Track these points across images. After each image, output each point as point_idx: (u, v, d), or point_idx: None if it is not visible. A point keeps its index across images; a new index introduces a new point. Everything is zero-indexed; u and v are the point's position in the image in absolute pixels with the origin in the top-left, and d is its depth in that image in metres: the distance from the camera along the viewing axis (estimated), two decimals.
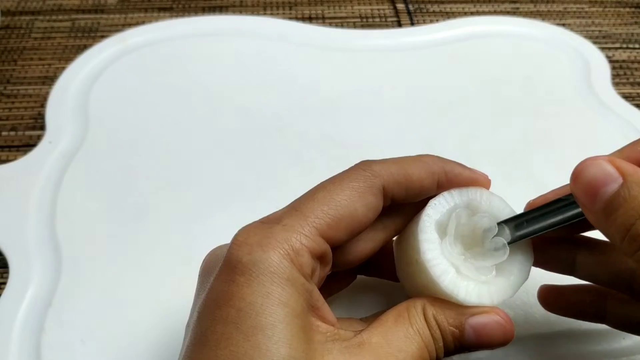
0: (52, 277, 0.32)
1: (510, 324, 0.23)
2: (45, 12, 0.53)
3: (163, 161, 0.38)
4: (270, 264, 0.21)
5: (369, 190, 0.23)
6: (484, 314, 0.23)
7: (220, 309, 0.21)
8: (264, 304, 0.20)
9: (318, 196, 0.23)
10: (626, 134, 0.41)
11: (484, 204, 0.25)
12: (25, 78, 0.47)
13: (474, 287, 0.23)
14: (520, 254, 0.25)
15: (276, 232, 0.21)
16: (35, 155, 0.39)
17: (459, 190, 0.25)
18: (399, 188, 0.24)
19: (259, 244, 0.21)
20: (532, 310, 0.31)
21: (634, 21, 0.54)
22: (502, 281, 0.24)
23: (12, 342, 0.30)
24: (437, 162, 0.25)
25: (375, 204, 0.23)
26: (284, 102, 0.43)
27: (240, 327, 0.20)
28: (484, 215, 0.25)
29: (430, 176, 0.24)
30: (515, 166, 0.39)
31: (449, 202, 0.24)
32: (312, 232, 0.22)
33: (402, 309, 0.23)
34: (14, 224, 0.35)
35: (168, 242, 0.34)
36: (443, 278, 0.23)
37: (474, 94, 0.44)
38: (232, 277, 0.21)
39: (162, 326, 0.30)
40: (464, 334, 0.23)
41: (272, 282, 0.21)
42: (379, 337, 0.22)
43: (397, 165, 0.24)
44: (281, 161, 0.39)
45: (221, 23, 0.49)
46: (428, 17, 0.53)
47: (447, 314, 0.23)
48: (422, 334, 0.22)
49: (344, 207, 0.22)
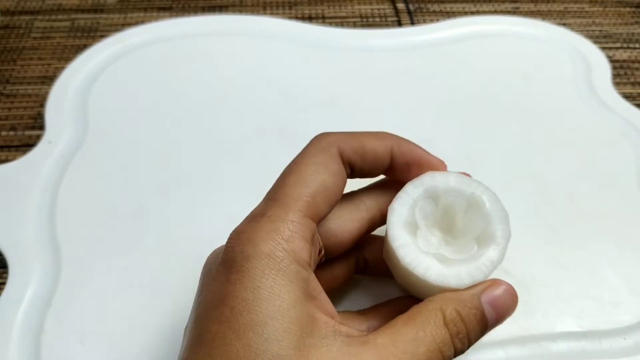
0: (52, 277, 0.32)
1: (513, 288, 0.24)
2: (45, 12, 0.53)
3: (163, 161, 0.38)
4: (261, 257, 0.21)
5: (330, 159, 0.24)
6: (490, 287, 0.23)
7: (215, 309, 0.21)
8: (255, 299, 0.20)
9: (289, 180, 0.24)
10: (626, 134, 0.41)
11: (441, 186, 0.25)
12: (24, 78, 0.46)
13: (462, 270, 0.23)
14: (496, 216, 0.24)
15: (263, 225, 0.22)
16: (35, 155, 0.38)
17: (412, 183, 0.25)
18: (355, 154, 0.25)
19: (248, 240, 0.21)
20: (532, 310, 0.31)
21: (634, 21, 0.54)
22: (488, 251, 0.24)
23: (11, 342, 0.30)
24: (390, 136, 0.26)
25: (339, 170, 0.24)
26: (284, 102, 0.42)
27: (232, 326, 0.20)
28: (448, 195, 0.25)
29: (383, 145, 0.25)
30: (515, 166, 0.39)
31: (407, 199, 0.25)
32: (297, 216, 0.22)
33: (414, 313, 0.23)
34: (14, 224, 0.35)
35: (168, 242, 0.34)
36: (429, 274, 0.23)
37: (474, 94, 0.44)
38: (226, 277, 0.21)
39: (161, 327, 0.30)
40: (485, 313, 0.23)
41: (262, 275, 0.21)
42: (386, 339, 0.22)
43: (350, 135, 0.25)
44: (281, 161, 0.38)
45: (221, 23, 0.49)
46: (428, 17, 0.53)
47: (465, 300, 0.23)
48: (435, 336, 0.22)
49: (314, 181, 0.23)
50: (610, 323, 0.31)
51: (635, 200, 0.37)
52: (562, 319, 0.31)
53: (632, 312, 0.31)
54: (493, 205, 0.24)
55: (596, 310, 0.31)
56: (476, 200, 0.25)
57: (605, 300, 0.32)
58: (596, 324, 0.31)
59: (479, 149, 0.40)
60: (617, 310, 0.31)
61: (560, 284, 0.32)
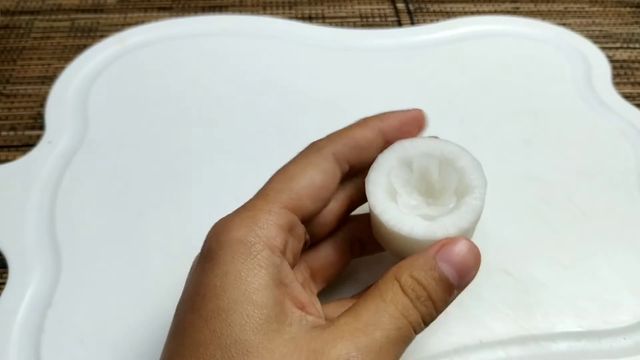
0: (52, 277, 0.32)
1: (473, 244, 0.23)
2: (45, 12, 0.53)
3: (163, 161, 0.38)
4: (232, 242, 0.21)
5: (320, 159, 0.25)
6: (445, 245, 0.22)
7: (190, 299, 0.21)
8: (222, 286, 0.20)
9: (276, 178, 0.24)
10: (626, 134, 0.41)
11: (412, 151, 0.26)
12: (24, 78, 0.46)
13: (446, 221, 0.24)
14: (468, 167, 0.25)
15: (239, 214, 0.23)
16: (35, 155, 0.38)
17: (383, 155, 0.26)
18: (349, 149, 0.25)
19: (223, 227, 0.22)
20: (532, 310, 0.31)
21: (634, 21, 0.54)
22: (468, 199, 0.24)
23: (11, 342, 0.30)
24: (372, 117, 0.27)
25: (331, 169, 0.25)
26: (284, 102, 0.42)
27: (202, 314, 0.20)
28: (420, 158, 0.25)
29: (371, 130, 0.26)
30: (515, 166, 0.39)
31: (382, 169, 0.25)
32: (275, 207, 0.23)
33: (373, 287, 0.23)
34: (14, 224, 0.35)
35: (168, 242, 0.34)
36: (415, 231, 0.24)
37: (474, 94, 0.44)
38: (201, 266, 0.22)
39: (161, 326, 0.30)
40: (441, 271, 0.22)
41: (232, 261, 0.21)
42: (348, 317, 0.21)
43: (338, 133, 0.26)
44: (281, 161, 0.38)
45: (221, 23, 0.49)
46: (428, 17, 0.53)
47: (419, 264, 0.22)
48: (396, 303, 0.21)
49: (301, 178, 0.24)
50: (610, 323, 0.31)
51: (635, 200, 0.37)
52: (562, 319, 0.31)
53: (632, 312, 0.31)
54: (463, 158, 0.26)
55: (596, 310, 0.31)
56: (447, 157, 0.26)
57: (605, 300, 0.32)
58: (596, 324, 0.31)
59: (479, 149, 0.39)
60: (617, 310, 0.31)
61: (560, 284, 0.32)
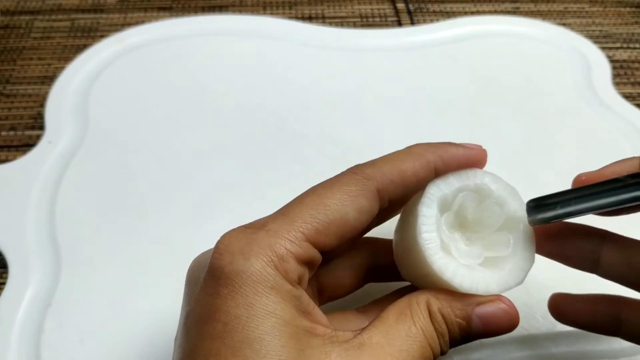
0: (52, 277, 0.32)
1: (515, 311, 0.23)
2: (45, 12, 0.53)
3: (163, 161, 0.38)
4: (252, 272, 0.20)
5: (361, 194, 0.22)
6: (489, 303, 0.23)
7: (206, 323, 0.20)
8: (249, 317, 0.20)
9: (307, 200, 0.22)
10: (627, 134, 0.41)
11: (448, 192, 0.24)
12: (24, 78, 0.46)
13: (466, 272, 0.23)
14: (520, 251, 0.24)
15: (259, 238, 0.21)
16: (35, 155, 0.38)
17: (424, 205, 0.23)
18: (395, 187, 0.23)
19: (240, 251, 0.20)
20: (532, 310, 0.31)
21: (634, 21, 0.54)
22: (494, 273, 0.23)
23: (11, 342, 0.30)
24: (430, 149, 0.24)
25: (369, 207, 0.22)
26: (284, 102, 0.42)
27: (227, 342, 0.19)
28: (458, 198, 0.24)
29: (426, 166, 0.23)
30: (516, 166, 0.39)
31: (431, 224, 0.23)
32: (297, 237, 0.21)
33: (404, 306, 0.22)
34: (14, 224, 0.35)
35: (167, 242, 0.34)
36: (435, 258, 0.22)
37: (474, 94, 0.44)
38: (216, 289, 0.20)
39: (161, 327, 0.30)
40: (471, 325, 0.22)
41: (255, 292, 0.20)
42: (380, 337, 0.21)
43: (389, 163, 0.23)
44: (281, 161, 0.39)
45: (221, 23, 0.49)
46: (428, 17, 0.53)
47: (453, 306, 0.22)
48: (425, 332, 0.22)
49: (334, 211, 0.22)
50: None
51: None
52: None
53: None
54: (499, 186, 0.24)
55: None
56: (482, 189, 0.24)
57: None
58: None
59: None
60: None
61: (560, 284, 0.32)
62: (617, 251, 0.24)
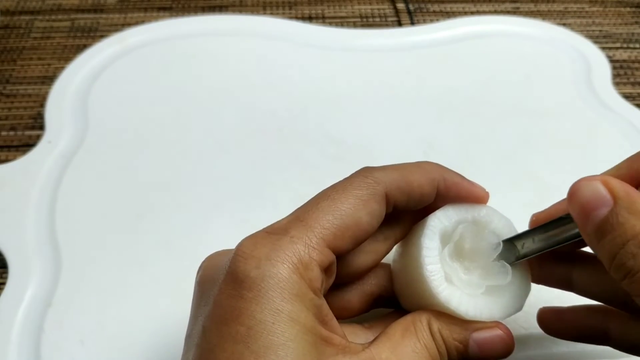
0: (52, 277, 0.32)
1: (511, 338, 0.24)
2: (45, 12, 0.53)
3: (163, 161, 0.38)
4: (279, 279, 0.20)
5: (372, 198, 0.23)
6: (487, 329, 0.24)
7: (228, 325, 0.20)
8: (275, 322, 0.20)
9: (322, 205, 0.22)
10: (626, 134, 0.41)
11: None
12: (24, 78, 0.46)
13: (470, 301, 0.24)
14: (518, 279, 0.25)
15: (284, 244, 0.21)
16: (35, 155, 0.38)
17: (426, 237, 0.24)
18: (401, 194, 0.24)
19: (267, 257, 0.21)
20: (532, 310, 0.31)
21: (634, 21, 0.54)
22: (497, 300, 0.25)
23: (11, 342, 0.30)
24: (437, 169, 0.25)
25: (379, 211, 0.23)
26: (284, 102, 0.42)
27: (251, 347, 0.19)
28: (457, 230, 0.25)
29: (430, 182, 0.24)
30: (516, 166, 0.39)
31: (434, 255, 0.24)
32: (319, 244, 0.21)
33: (408, 323, 0.23)
34: (14, 224, 0.35)
35: (168, 242, 0.34)
36: (441, 289, 0.23)
37: (474, 94, 0.44)
38: (239, 292, 0.20)
39: (161, 327, 0.30)
40: (468, 349, 0.23)
41: (282, 299, 0.20)
42: (388, 352, 0.22)
43: (398, 172, 0.24)
44: (281, 161, 0.39)
45: (221, 23, 0.49)
46: (428, 17, 0.53)
47: (452, 330, 0.23)
48: (429, 349, 0.23)
49: (348, 215, 0.22)
50: None
51: None
52: None
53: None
54: (494, 219, 0.25)
55: None
56: (480, 221, 0.25)
57: None
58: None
59: (479, 149, 0.40)
60: None
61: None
62: (587, 272, 0.26)
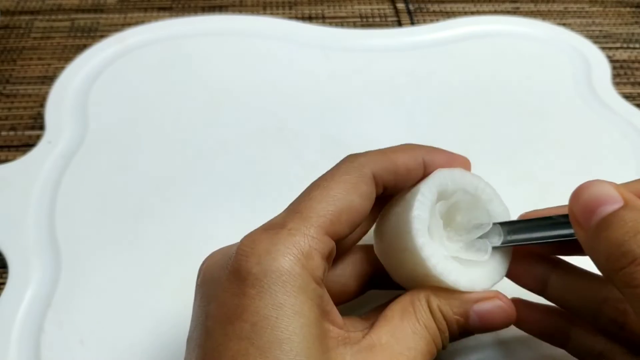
0: (52, 277, 0.32)
1: (512, 307, 0.24)
2: (45, 12, 0.53)
3: (163, 161, 0.38)
4: (281, 272, 0.20)
5: (361, 180, 0.23)
6: (487, 300, 0.24)
7: (232, 324, 0.20)
8: (278, 317, 0.20)
9: (314, 194, 0.23)
10: (626, 134, 0.41)
11: (450, 185, 0.25)
12: (24, 78, 0.46)
13: (463, 271, 0.24)
14: (494, 262, 0.25)
15: (283, 238, 0.21)
16: (35, 155, 0.38)
17: (425, 185, 0.25)
18: (388, 174, 0.24)
19: (267, 252, 0.21)
20: None
21: (634, 21, 0.54)
22: (483, 270, 0.24)
23: (11, 342, 0.30)
24: (419, 146, 0.26)
25: (369, 193, 0.24)
26: (284, 102, 0.42)
27: (255, 343, 0.19)
28: (456, 194, 0.25)
29: (415, 159, 0.25)
30: (516, 166, 0.39)
31: (426, 204, 0.24)
32: (318, 232, 0.21)
33: (406, 303, 0.23)
34: (14, 224, 0.35)
35: (168, 242, 0.34)
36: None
37: (474, 94, 0.44)
38: (242, 290, 0.20)
39: (161, 327, 0.30)
40: (469, 321, 0.23)
41: (284, 292, 0.20)
42: (388, 336, 0.22)
43: (381, 153, 0.25)
44: (281, 161, 0.39)
45: (221, 23, 0.49)
46: (428, 17, 0.53)
47: (452, 304, 0.23)
48: (429, 328, 0.23)
49: (341, 200, 0.22)
50: None
51: None
52: None
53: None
54: (494, 202, 0.25)
55: None
56: (479, 196, 0.25)
57: None
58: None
59: (479, 149, 0.40)
60: None
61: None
62: (565, 277, 0.26)
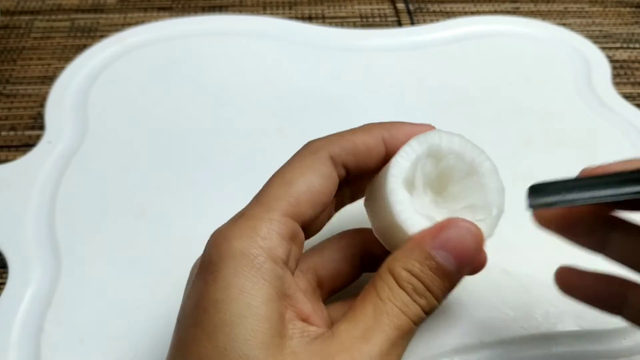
0: (52, 277, 0.32)
1: (473, 225, 0.22)
2: (45, 12, 0.53)
3: (163, 161, 0.38)
4: (234, 254, 0.20)
5: (317, 161, 0.24)
6: (439, 231, 0.22)
7: (191, 312, 0.21)
8: (224, 299, 0.20)
9: (273, 183, 0.23)
10: (626, 134, 0.41)
11: (445, 146, 0.24)
12: (24, 78, 0.46)
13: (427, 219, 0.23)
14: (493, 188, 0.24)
15: (240, 223, 0.22)
16: (35, 155, 0.38)
17: (416, 139, 0.24)
18: (346, 154, 0.24)
19: (224, 238, 0.21)
20: (532, 310, 0.31)
21: (634, 21, 0.54)
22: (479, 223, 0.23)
23: (11, 342, 0.30)
24: (378, 124, 0.25)
25: (328, 173, 0.24)
26: (284, 102, 0.42)
27: (205, 328, 0.20)
28: (450, 157, 0.24)
29: (374, 137, 0.25)
30: (516, 166, 0.39)
31: (411, 155, 0.24)
32: (276, 215, 0.22)
33: (368, 286, 0.22)
34: (14, 224, 0.35)
35: (168, 242, 0.34)
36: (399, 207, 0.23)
37: (474, 94, 0.44)
38: (203, 278, 0.21)
39: (161, 326, 0.30)
40: (437, 260, 0.21)
41: (234, 274, 0.20)
42: (347, 323, 0.20)
43: (338, 135, 0.25)
44: (281, 161, 0.38)
45: (221, 23, 0.49)
46: (428, 17, 0.53)
47: (412, 255, 0.21)
48: (393, 300, 0.21)
49: (299, 182, 0.23)
50: (610, 323, 0.31)
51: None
52: (562, 319, 0.31)
53: None
54: (491, 177, 0.24)
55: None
56: (476, 168, 0.24)
57: None
58: (596, 324, 0.31)
59: None
60: None
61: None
62: (627, 235, 0.24)
